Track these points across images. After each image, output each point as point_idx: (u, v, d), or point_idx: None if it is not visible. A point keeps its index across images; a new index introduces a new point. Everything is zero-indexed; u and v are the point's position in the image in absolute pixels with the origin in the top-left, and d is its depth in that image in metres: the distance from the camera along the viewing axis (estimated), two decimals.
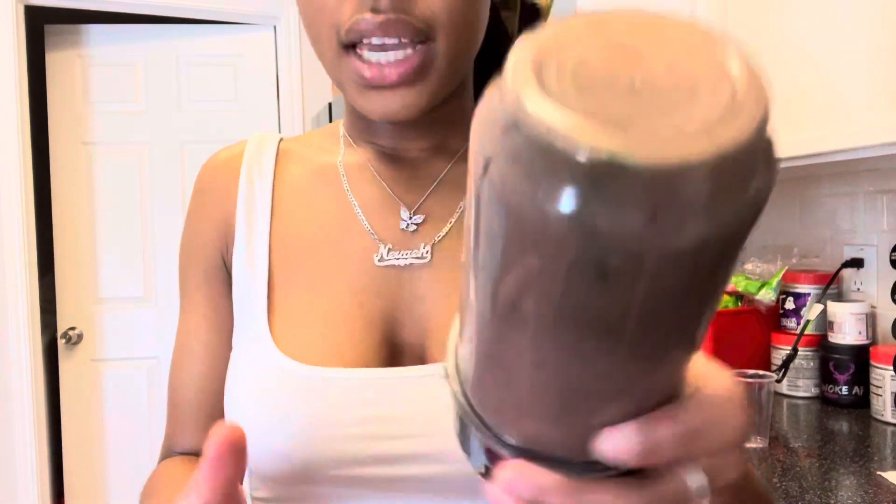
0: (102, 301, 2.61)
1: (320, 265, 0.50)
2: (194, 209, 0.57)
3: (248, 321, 0.50)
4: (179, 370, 0.55)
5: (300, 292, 0.50)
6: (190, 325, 0.55)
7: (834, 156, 1.12)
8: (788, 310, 1.47)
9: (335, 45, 0.46)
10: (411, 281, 0.50)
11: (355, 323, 0.48)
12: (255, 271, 0.51)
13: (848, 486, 0.92)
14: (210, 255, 0.54)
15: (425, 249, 0.50)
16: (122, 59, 2.62)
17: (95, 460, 2.61)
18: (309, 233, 0.52)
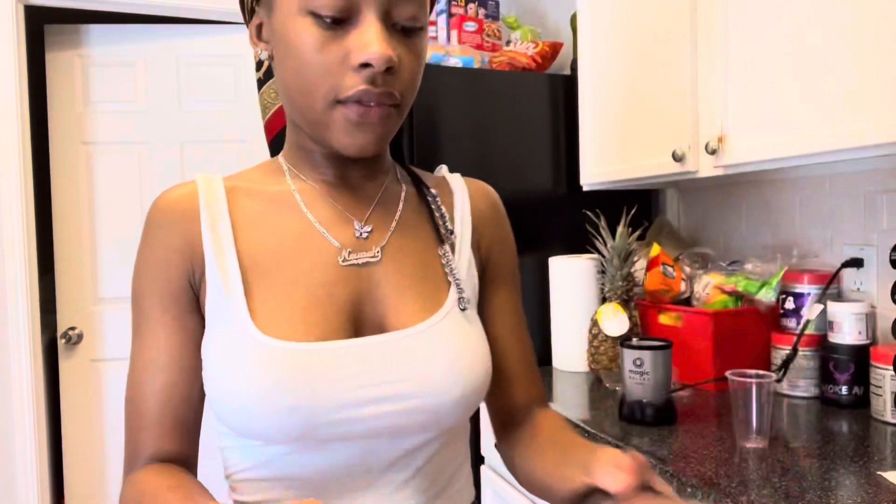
0: (102, 301, 2.61)
1: (290, 269, 0.63)
2: (153, 241, 0.64)
3: (231, 319, 0.61)
4: (145, 382, 0.62)
5: (275, 291, 0.62)
6: (156, 341, 0.62)
7: (834, 156, 1.12)
8: (788, 310, 1.47)
9: (330, 100, 0.60)
10: (368, 274, 0.66)
11: (327, 308, 0.62)
12: (229, 280, 0.62)
13: (848, 486, 0.92)
14: (175, 278, 0.63)
15: (377, 251, 0.67)
16: (122, 59, 2.62)
17: (95, 460, 2.61)
18: (274, 245, 0.64)
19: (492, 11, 2.23)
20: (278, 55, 0.62)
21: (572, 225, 1.93)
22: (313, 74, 0.59)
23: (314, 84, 0.60)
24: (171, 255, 0.63)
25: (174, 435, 0.62)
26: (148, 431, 0.62)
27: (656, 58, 1.51)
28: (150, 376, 0.62)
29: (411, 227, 0.70)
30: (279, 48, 0.62)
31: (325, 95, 0.60)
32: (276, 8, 0.61)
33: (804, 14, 1.15)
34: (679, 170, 1.45)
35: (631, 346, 1.26)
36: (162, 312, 0.63)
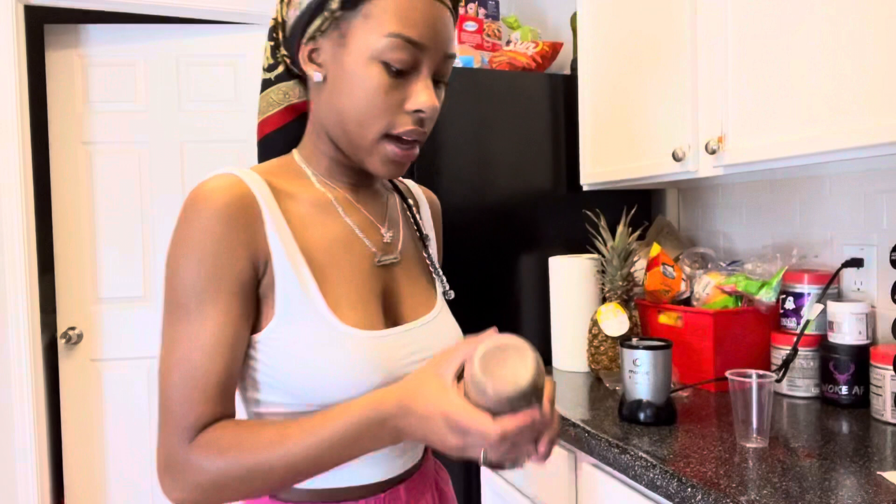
0: (102, 301, 2.61)
1: (340, 267, 0.75)
2: (225, 235, 0.68)
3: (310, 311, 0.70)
4: (204, 361, 0.67)
5: (333, 286, 0.73)
6: (217, 326, 0.67)
7: (833, 155, 1.12)
8: (788, 310, 1.47)
9: (381, 134, 0.72)
10: (392, 273, 0.80)
11: (371, 301, 0.76)
12: (302, 275, 0.71)
13: (848, 486, 0.92)
14: (240, 270, 0.69)
15: (397, 253, 0.82)
16: (122, 59, 2.62)
17: (95, 460, 2.61)
18: (325, 245, 0.75)
19: (492, 11, 2.23)
20: (337, 85, 0.72)
21: (572, 225, 1.93)
22: (373, 111, 0.71)
23: (372, 118, 0.72)
24: (238, 249, 0.68)
25: (227, 405, 0.69)
26: (207, 404, 0.67)
27: (656, 58, 1.51)
28: (210, 356, 0.67)
29: (405, 231, 0.86)
30: (341, 80, 0.72)
31: (379, 130, 0.72)
32: (350, 48, 0.71)
33: (804, 14, 1.15)
34: (679, 170, 1.45)
35: (631, 346, 1.26)
36: (224, 300, 0.68)
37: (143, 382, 2.64)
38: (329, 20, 0.72)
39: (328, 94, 0.73)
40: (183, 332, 0.67)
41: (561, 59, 2.36)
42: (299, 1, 0.74)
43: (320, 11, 0.72)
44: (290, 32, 0.75)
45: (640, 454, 1.08)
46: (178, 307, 0.67)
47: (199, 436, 0.66)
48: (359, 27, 0.70)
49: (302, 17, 0.73)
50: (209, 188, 0.68)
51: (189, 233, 0.67)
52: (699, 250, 1.77)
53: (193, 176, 2.67)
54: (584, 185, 1.81)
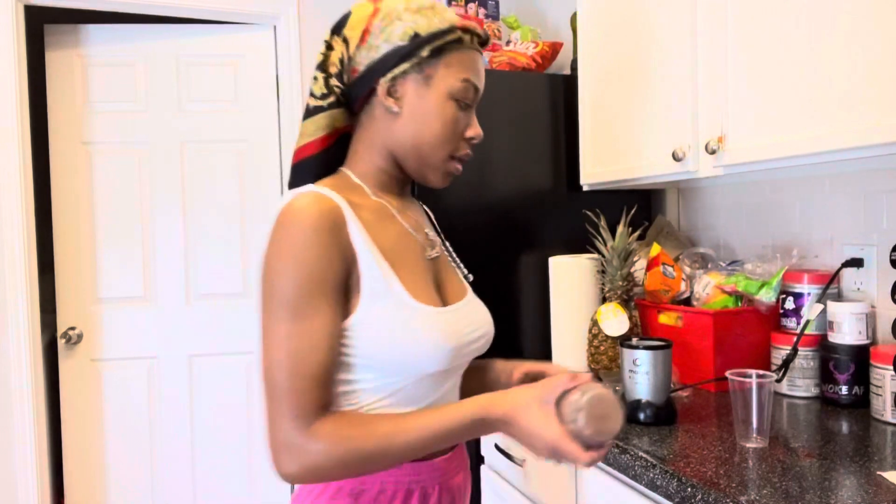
0: (102, 301, 2.61)
1: (405, 262, 0.89)
2: (323, 243, 0.80)
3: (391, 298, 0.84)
4: (313, 355, 0.79)
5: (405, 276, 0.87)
6: (324, 323, 0.80)
7: (833, 155, 1.12)
8: (788, 310, 1.47)
9: (448, 155, 0.92)
10: (436, 264, 0.96)
11: (431, 287, 0.91)
12: (384, 270, 0.85)
13: (848, 486, 0.92)
14: (338, 273, 0.81)
15: (437, 249, 0.98)
16: (122, 59, 2.62)
17: (95, 460, 2.61)
18: (390, 244, 0.89)
19: (492, 11, 2.23)
20: (416, 116, 0.89)
21: (572, 225, 1.93)
22: (448, 136, 0.91)
23: (446, 142, 0.91)
24: (334, 254, 0.81)
25: (331, 390, 0.82)
26: (320, 390, 0.79)
27: (656, 58, 1.51)
28: (319, 349, 0.79)
29: (431, 231, 1.01)
30: (421, 112, 0.89)
31: (449, 151, 0.92)
32: (433, 87, 0.89)
33: (804, 14, 1.15)
34: (679, 170, 1.45)
35: (631, 346, 1.26)
36: (326, 300, 0.80)
37: (143, 382, 2.64)
38: (415, 65, 0.88)
39: (402, 122, 0.90)
40: (292, 330, 0.78)
41: (561, 59, 2.36)
42: (378, 45, 0.88)
43: (409, 57, 0.87)
44: (366, 71, 0.89)
45: (640, 454, 1.08)
46: (284, 308, 0.78)
47: (318, 423, 0.78)
48: (441, 72, 0.88)
49: (386, 60, 0.87)
50: (302, 205, 0.80)
51: (291, 244, 0.79)
52: (699, 250, 1.77)
53: (193, 176, 2.67)
54: (584, 185, 1.81)
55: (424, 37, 0.87)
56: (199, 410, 2.70)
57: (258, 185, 2.72)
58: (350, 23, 0.90)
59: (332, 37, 0.92)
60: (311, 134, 0.92)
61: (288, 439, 0.77)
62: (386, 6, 0.89)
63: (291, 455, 0.77)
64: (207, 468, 2.71)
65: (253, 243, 2.72)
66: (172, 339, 2.67)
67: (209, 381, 2.70)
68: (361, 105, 0.92)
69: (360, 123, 0.93)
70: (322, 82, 0.91)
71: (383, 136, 0.92)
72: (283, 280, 0.79)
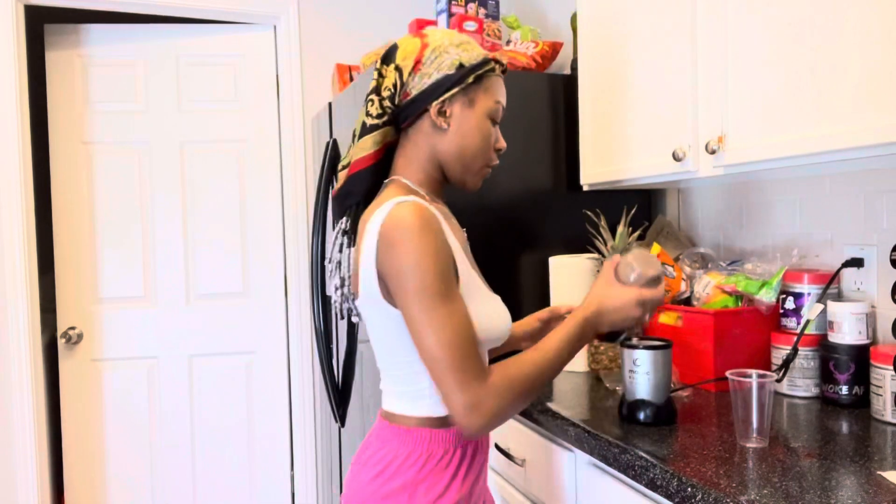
0: (102, 301, 2.61)
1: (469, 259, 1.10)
2: (436, 242, 0.96)
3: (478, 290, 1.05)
4: (466, 328, 0.96)
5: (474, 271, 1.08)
6: (461, 304, 0.97)
7: (833, 155, 1.12)
8: (788, 310, 1.47)
9: (485, 164, 1.12)
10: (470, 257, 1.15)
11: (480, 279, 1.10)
12: (465, 262, 1.05)
13: (848, 486, 0.92)
14: (452, 266, 0.98)
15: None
16: (122, 59, 2.62)
17: (95, 460, 2.61)
18: (462, 243, 1.11)
19: (492, 11, 2.23)
20: (461, 132, 1.07)
21: (572, 225, 1.93)
22: (485, 148, 1.10)
23: (484, 153, 1.10)
24: (449, 251, 0.97)
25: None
26: (479, 354, 0.97)
27: (656, 57, 1.51)
28: (468, 324, 0.97)
29: None
30: (466, 128, 1.07)
31: (486, 160, 1.11)
32: (475, 108, 1.08)
33: (805, 14, 1.15)
34: (679, 170, 1.45)
35: (631, 345, 1.26)
36: (455, 288, 0.97)
37: (143, 382, 2.64)
38: (462, 90, 1.06)
39: (449, 137, 1.07)
40: (446, 313, 0.95)
41: (561, 59, 2.36)
42: (430, 73, 1.05)
43: (458, 84, 1.05)
44: (419, 95, 1.06)
45: (640, 454, 1.08)
46: (434, 296, 0.94)
47: (489, 378, 0.95)
48: (481, 95, 1.08)
49: (438, 86, 1.05)
50: (412, 211, 0.95)
51: (423, 244, 0.94)
52: (699, 250, 1.77)
53: (193, 176, 2.67)
54: (584, 185, 1.82)
55: (468, 67, 1.06)
56: (199, 410, 2.70)
57: (258, 185, 2.72)
58: (400, 54, 1.07)
59: (382, 66, 1.09)
60: (367, 148, 1.08)
61: (474, 398, 0.93)
62: (433, 41, 1.07)
63: (480, 409, 0.93)
64: (207, 468, 2.71)
65: (253, 243, 2.72)
66: (172, 340, 2.67)
67: (209, 381, 2.70)
68: (411, 123, 1.09)
69: (409, 138, 1.10)
70: (377, 104, 1.07)
71: (432, 149, 1.09)
72: (428, 275, 0.94)
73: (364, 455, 1.09)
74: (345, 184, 1.10)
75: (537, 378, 0.98)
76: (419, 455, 1.04)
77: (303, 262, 2.73)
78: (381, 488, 1.04)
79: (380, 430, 1.10)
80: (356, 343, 2.06)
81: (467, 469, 1.09)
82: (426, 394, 1.05)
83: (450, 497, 1.05)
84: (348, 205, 1.11)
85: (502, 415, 0.95)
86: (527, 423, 1.48)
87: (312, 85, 2.70)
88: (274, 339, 2.75)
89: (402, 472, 1.04)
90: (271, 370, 2.75)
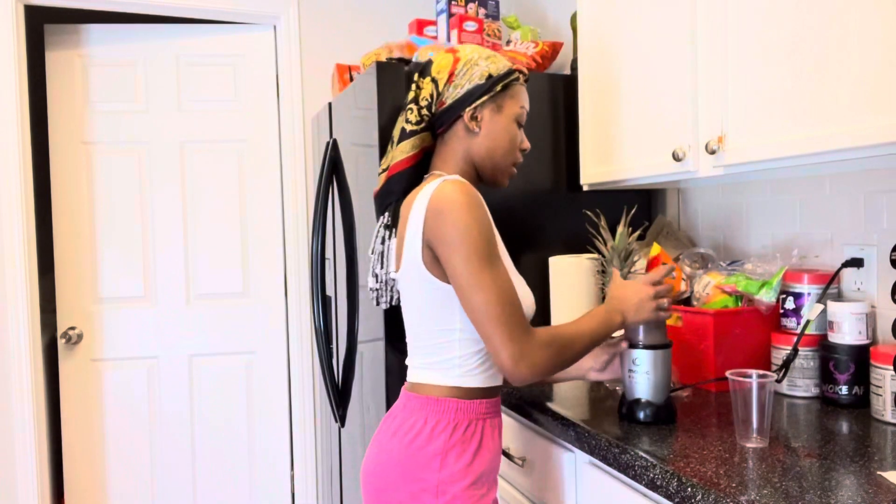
0: (102, 301, 2.61)
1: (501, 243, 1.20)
2: (486, 214, 1.08)
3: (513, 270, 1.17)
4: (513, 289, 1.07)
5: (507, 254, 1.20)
6: (505, 271, 1.07)
7: (833, 155, 1.12)
8: (788, 310, 1.47)
9: (513, 162, 1.24)
10: None
11: None
12: (504, 249, 1.18)
13: (848, 486, 0.92)
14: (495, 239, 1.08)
15: None
16: (122, 59, 2.62)
17: (95, 460, 2.61)
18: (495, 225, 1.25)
19: (492, 11, 2.23)
20: (491, 135, 1.19)
21: (572, 225, 1.93)
22: (513, 149, 1.22)
23: (512, 153, 1.22)
24: (492, 224, 1.09)
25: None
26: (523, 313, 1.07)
27: (656, 57, 1.51)
28: (511, 286, 1.07)
29: None
30: (496, 132, 1.19)
31: (513, 160, 1.23)
32: (503, 114, 1.20)
33: (804, 14, 1.15)
34: (679, 170, 1.45)
35: (631, 345, 1.26)
36: (499, 255, 1.08)
37: (143, 382, 2.64)
38: (491, 97, 1.18)
39: (481, 140, 1.19)
40: (494, 274, 1.05)
41: (561, 59, 2.36)
42: (462, 84, 1.18)
43: (488, 92, 1.18)
44: (453, 103, 1.18)
45: (639, 454, 1.08)
46: (482, 259, 1.04)
47: (535, 333, 1.06)
48: (508, 102, 1.20)
49: (471, 94, 1.17)
50: (458, 187, 1.06)
51: (472, 213, 1.05)
52: (699, 250, 1.77)
53: (193, 176, 2.67)
54: (584, 185, 1.82)
55: (496, 77, 1.19)
56: (199, 410, 2.70)
57: (258, 185, 2.72)
58: (435, 68, 1.20)
59: (419, 78, 1.22)
60: (406, 151, 1.21)
61: (523, 348, 1.03)
62: (464, 56, 1.20)
63: (527, 359, 1.03)
64: (207, 468, 2.71)
65: (253, 243, 2.72)
66: (172, 339, 2.67)
67: (209, 381, 2.70)
68: (446, 128, 1.21)
69: (444, 142, 1.22)
70: (416, 112, 1.20)
71: (466, 150, 1.20)
72: (476, 239, 1.04)
73: (392, 425, 1.16)
74: (385, 184, 1.22)
75: (575, 343, 1.09)
76: (447, 424, 1.12)
77: (303, 262, 2.73)
78: (417, 454, 1.11)
79: (406, 401, 1.17)
80: (356, 343, 2.06)
81: (490, 440, 1.17)
82: (455, 363, 1.14)
83: (477, 466, 1.13)
84: (388, 202, 1.23)
85: (546, 367, 1.05)
86: (527, 423, 1.48)
87: (312, 85, 2.70)
88: (274, 339, 2.75)
89: (433, 440, 1.11)
90: (271, 370, 2.75)
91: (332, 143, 2.17)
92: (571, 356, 1.09)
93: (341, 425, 2.26)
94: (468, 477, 1.12)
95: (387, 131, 1.74)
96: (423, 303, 1.13)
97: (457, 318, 1.12)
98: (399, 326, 1.76)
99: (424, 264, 1.10)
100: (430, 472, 1.10)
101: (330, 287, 2.39)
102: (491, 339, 1.03)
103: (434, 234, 1.06)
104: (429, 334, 1.14)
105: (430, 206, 1.07)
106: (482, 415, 1.16)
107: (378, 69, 1.74)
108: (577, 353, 1.10)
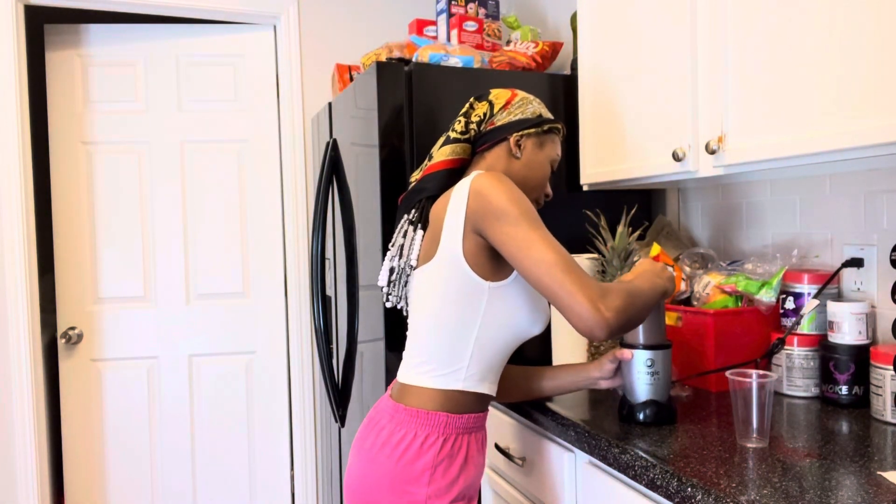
0: (102, 301, 2.61)
1: None
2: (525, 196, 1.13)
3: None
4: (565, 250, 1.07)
5: None
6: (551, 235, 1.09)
7: (833, 155, 1.12)
8: (788, 310, 1.47)
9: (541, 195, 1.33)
10: None
11: None
12: None
13: (848, 486, 0.92)
14: None
15: None
16: (123, 58, 2.62)
17: (95, 460, 2.61)
18: None
19: (492, 11, 2.23)
20: (529, 165, 1.27)
21: (572, 225, 1.93)
22: (541, 186, 1.31)
23: (539, 189, 1.31)
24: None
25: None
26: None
27: (656, 57, 1.51)
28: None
29: None
30: (532, 164, 1.28)
31: (536, 196, 1.31)
32: (543, 151, 1.29)
33: (804, 14, 1.15)
34: (679, 170, 1.45)
35: (631, 345, 1.26)
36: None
37: (143, 382, 2.64)
38: (536, 133, 1.28)
39: (520, 167, 1.27)
40: (545, 235, 1.06)
41: (561, 59, 2.36)
42: (516, 112, 1.28)
43: (537, 126, 1.28)
44: (503, 125, 1.27)
45: (640, 454, 1.08)
46: (534, 221, 1.06)
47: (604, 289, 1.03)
48: (548, 143, 1.30)
49: (521, 123, 1.27)
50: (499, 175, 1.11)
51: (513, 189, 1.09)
52: (699, 250, 1.77)
53: (193, 176, 2.67)
54: (584, 185, 1.81)
55: (545, 119, 1.29)
56: (199, 410, 2.70)
57: (258, 185, 2.72)
58: (493, 95, 1.30)
59: (475, 101, 1.31)
60: (446, 155, 1.26)
61: (599, 292, 1.00)
62: (521, 94, 1.31)
63: (606, 302, 1.00)
64: (207, 468, 2.71)
65: (253, 243, 2.72)
66: (172, 339, 2.67)
67: (209, 381, 2.70)
68: (489, 146, 1.27)
69: (484, 157, 1.28)
70: (464, 124, 1.27)
71: (503, 170, 1.26)
72: (526, 207, 1.08)
73: (380, 437, 1.15)
74: (421, 181, 1.27)
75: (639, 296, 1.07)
76: (436, 438, 1.13)
77: (303, 262, 2.73)
78: (407, 468, 1.11)
79: (394, 413, 1.16)
80: (356, 343, 2.06)
81: (476, 455, 1.19)
82: (462, 372, 1.16)
83: (462, 481, 1.15)
84: (419, 199, 1.25)
85: (626, 312, 1.02)
86: (527, 423, 1.48)
87: (312, 85, 2.70)
88: (274, 339, 2.75)
89: (423, 454, 1.11)
90: (271, 370, 2.75)
91: (332, 143, 2.17)
92: (642, 306, 1.07)
93: (341, 425, 2.26)
94: (453, 491, 1.13)
95: (387, 131, 1.74)
96: (450, 296, 1.13)
97: (479, 318, 1.13)
98: (399, 326, 1.76)
99: (464, 254, 1.11)
100: (419, 486, 1.11)
101: (330, 287, 2.39)
102: (562, 287, 0.99)
103: (479, 212, 1.08)
104: (444, 330, 1.14)
105: (472, 189, 1.10)
106: (469, 429, 1.17)
107: (378, 69, 1.74)
108: (641, 308, 1.06)
